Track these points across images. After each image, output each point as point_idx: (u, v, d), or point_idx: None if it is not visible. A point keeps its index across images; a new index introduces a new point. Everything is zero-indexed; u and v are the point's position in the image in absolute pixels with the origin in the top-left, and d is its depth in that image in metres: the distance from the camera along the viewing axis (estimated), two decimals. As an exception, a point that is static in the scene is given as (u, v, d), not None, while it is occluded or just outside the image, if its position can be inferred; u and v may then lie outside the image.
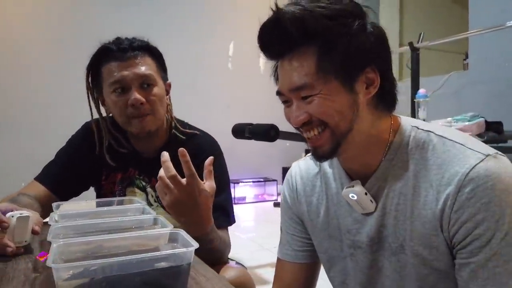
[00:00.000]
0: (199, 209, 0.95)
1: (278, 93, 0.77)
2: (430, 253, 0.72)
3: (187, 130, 1.31)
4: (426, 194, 0.72)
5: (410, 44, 2.99)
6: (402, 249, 0.76)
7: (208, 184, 0.98)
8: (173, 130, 1.29)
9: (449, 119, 2.34)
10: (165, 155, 0.94)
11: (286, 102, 0.77)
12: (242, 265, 1.29)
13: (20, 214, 0.86)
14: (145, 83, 1.18)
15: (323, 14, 0.68)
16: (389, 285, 0.80)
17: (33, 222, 0.88)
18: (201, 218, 0.97)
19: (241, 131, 1.89)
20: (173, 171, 0.91)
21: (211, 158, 1.01)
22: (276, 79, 0.79)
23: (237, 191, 4.31)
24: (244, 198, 4.44)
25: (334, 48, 0.69)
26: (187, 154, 0.93)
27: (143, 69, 1.17)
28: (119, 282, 0.57)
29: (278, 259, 1.00)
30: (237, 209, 4.19)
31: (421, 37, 3.08)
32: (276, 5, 0.70)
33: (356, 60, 0.71)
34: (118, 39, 1.20)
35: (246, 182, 4.50)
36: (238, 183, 4.36)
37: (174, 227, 0.72)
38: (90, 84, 1.22)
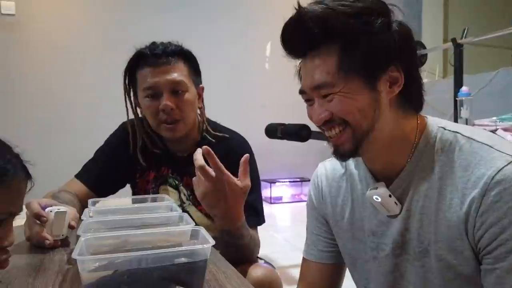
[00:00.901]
0: (228, 203, 0.96)
1: (301, 91, 0.77)
2: (455, 258, 0.70)
3: (218, 134, 1.33)
4: (452, 197, 0.70)
5: (453, 40, 2.86)
6: (426, 254, 0.74)
7: (243, 182, 0.99)
8: (204, 133, 1.33)
9: (494, 118, 2.23)
10: (198, 151, 0.97)
11: (309, 101, 0.77)
12: (271, 265, 1.30)
13: (58, 209, 0.91)
14: (176, 89, 1.20)
15: (345, 12, 0.68)
16: None
17: (70, 217, 0.93)
18: (231, 212, 0.98)
19: (274, 131, 1.89)
20: (202, 162, 0.94)
21: (246, 156, 1.01)
22: (300, 78, 0.80)
23: (273, 191, 4.32)
24: (280, 198, 4.45)
25: (356, 47, 0.69)
26: (211, 151, 0.95)
27: (174, 75, 1.20)
28: (139, 275, 0.60)
29: (304, 258, 1.00)
30: (273, 209, 4.23)
31: (465, 33, 2.95)
32: (299, 4, 0.71)
33: (379, 58, 0.70)
34: (153, 44, 1.23)
35: (282, 182, 4.49)
36: (274, 183, 4.37)
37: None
38: (127, 87, 1.28)
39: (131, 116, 1.33)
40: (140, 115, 1.33)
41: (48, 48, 3.90)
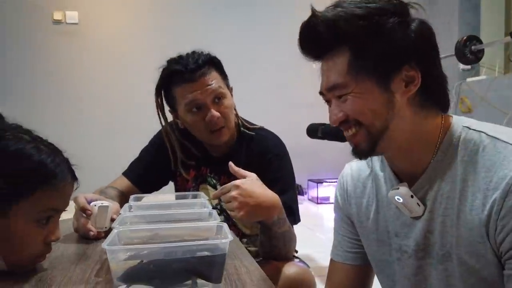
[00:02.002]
0: (255, 198, 0.99)
1: (320, 93, 0.79)
2: (477, 262, 0.68)
3: (252, 126, 1.37)
4: (474, 198, 0.67)
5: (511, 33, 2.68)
6: (449, 257, 0.72)
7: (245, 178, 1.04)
8: (242, 129, 1.37)
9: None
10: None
11: (328, 102, 0.78)
12: (306, 264, 1.31)
13: (101, 204, 0.99)
14: (217, 98, 1.25)
15: (356, 14, 0.68)
16: None
17: (112, 211, 1.01)
18: (261, 207, 1.01)
19: (315, 131, 1.90)
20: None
21: (230, 163, 1.09)
22: None
23: (320, 191, 4.29)
24: (327, 198, 4.39)
25: (365, 48, 0.69)
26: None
27: (213, 85, 1.24)
28: (163, 266, 0.65)
29: (331, 259, 1.00)
30: (320, 209, 4.20)
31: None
32: (312, 8, 0.72)
33: (390, 59, 0.69)
34: (181, 58, 1.26)
35: (330, 182, 4.44)
36: (321, 182, 4.34)
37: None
38: (160, 102, 1.32)
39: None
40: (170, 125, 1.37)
41: (108, 53, 4.17)
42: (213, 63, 1.28)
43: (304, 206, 4.13)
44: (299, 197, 4.43)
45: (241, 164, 1.29)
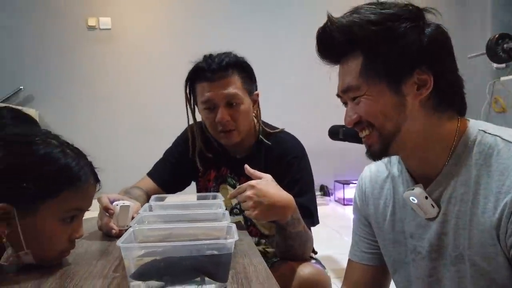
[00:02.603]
0: (269, 197, 1.02)
1: (338, 95, 0.82)
2: (488, 264, 0.68)
3: (273, 130, 1.40)
4: (486, 201, 0.68)
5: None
6: (461, 259, 0.73)
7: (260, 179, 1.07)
8: (261, 133, 1.40)
9: None
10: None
11: (345, 104, 0.81)
12: (322, 266, 1.32)
13: (123, 203, 1.05)
14: (231, 102, 1.29)
15: (370, 20, 0.71)
16: None
17: (133, 211, 1.07)
18: (275, 206, 1.03)
19: (336, 133, 1.91)
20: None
21: (245, 166, 1.13)
22: None
23: (346, 192, 4.25)
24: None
25: (377, 52, 0.71)
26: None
27: (229, 89, 1.28)
28: (173, 263, 0.69)
29: (348, 258, 1.02)
30: (347, 210, 4.16)
31: None
32: (328, 15, 0.75)
33: (402, 62, 0.71)
34: (209, 57, 1.32)
35: (356, 183, 4.39)
36: (348, 184, 4.30)
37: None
38: (188, 96, 1.39)
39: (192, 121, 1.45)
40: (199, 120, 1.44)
41: (140, 57, 4.31)
42: (239, 67, 1.32)
43: (330, 208, 4.11)
44: (326, 198, 4.42)
45: (261, 166, 1.33)
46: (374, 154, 0.78)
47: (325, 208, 4.04)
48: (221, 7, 4.41)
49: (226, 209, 1.38)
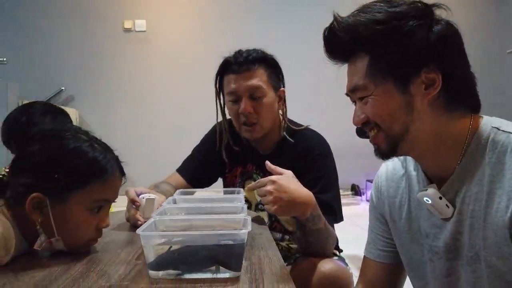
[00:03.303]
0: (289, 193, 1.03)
1: (347, 94, 0.82)
2: (504, 265, 0.66)
3: (298, 127, 1.42)
4: (499, 200, 0.67)
5: None
6: (477, 259, 0.71)
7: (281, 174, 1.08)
8: (284, 133, 1.42)
9: None
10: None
11: (355, 103, 0.81)
12: (345, 263, 1.32)
13: (149, 196, 1.10)
14: (255, 95, 1.32)
15: (375, 19, 0.70)
16: None
17: (158, 203, 1.11)
18: (295, 202, 1.04)
19: (363, 131, 1.88)
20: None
21: (266, 162, 1.12)
22: None
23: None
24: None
25: (382, 52, 0.71)
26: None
27: (253, 81, 1.32)
28: (189, 253, 0.72)
29: (364, 255, 1.02)
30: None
31: None
32: (334, 15, 0.75)
33: (409, 61, 0.70)
34: (238, 52, 1.36)
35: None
36: (380, 183, 4.23)
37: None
38: (218, 90, 1.43)
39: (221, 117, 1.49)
40: (228, 117, 1.48)
41: (174, 58, 4.42)
42: (265, 62, 1.35)
43: (361, 207, 4.05)
44: (357, 198, 4.35)
45: (286, 163, 1.34)
46: (382, 154, 0.78)
47: (356, 208, 3.98)
48: (253, 7, 4.44)
49: (251, 205, 1.43)
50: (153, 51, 4.41)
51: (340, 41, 0.74)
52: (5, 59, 3.58)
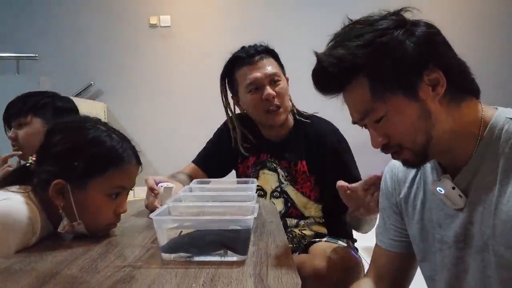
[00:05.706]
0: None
1: (354, 123, 0.81)
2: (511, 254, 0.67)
3: (307, 113, 1.49)
4: (511, 190, 0.67)
5: None
6: (486, 248, 0.72)
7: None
8: (297, 116, 1.47)
9: None
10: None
11: (365, 127, 0.80)
12: (356, 252, 1.34)
13: (167, 185, 1.15)
14: (273, 80, 1.39)
15: (360, 44, 0.70)
16: (474, 286, 0.77)
17: (175, 191, 1.16)
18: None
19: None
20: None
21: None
22: None
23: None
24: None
25: (380, 70, 0.71)
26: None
27: (270, 68, 1.39)
28: (198, 238, 0.76)
29: (376, 243, 1.03)
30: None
31: None
32: (316, 54, 0.76)
33: (408, 69, 0.70)
34: (243, 47, 1.44)
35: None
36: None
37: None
38: (223, 88, 1.50)
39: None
40: (236, 112, 1.53)
41: (198, 52, 4.48)
42: (271, 53, 1.43)
43: (385, 201, 4.00)
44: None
45: (301, 147, 1.39)
46: (414, 165, 0.79)
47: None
48: (277, 1, 4.44)
49: (266, 193, 1.47)
50: (177, 46, 4.48)
51: (333, 78, 0.74)
52: (37, 55, 3.72)
